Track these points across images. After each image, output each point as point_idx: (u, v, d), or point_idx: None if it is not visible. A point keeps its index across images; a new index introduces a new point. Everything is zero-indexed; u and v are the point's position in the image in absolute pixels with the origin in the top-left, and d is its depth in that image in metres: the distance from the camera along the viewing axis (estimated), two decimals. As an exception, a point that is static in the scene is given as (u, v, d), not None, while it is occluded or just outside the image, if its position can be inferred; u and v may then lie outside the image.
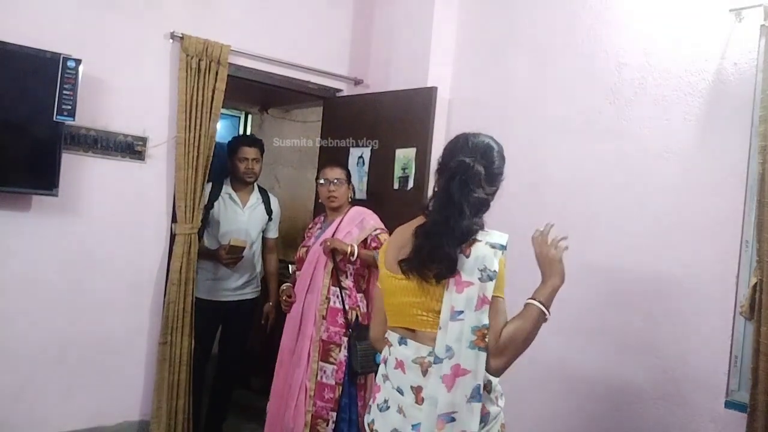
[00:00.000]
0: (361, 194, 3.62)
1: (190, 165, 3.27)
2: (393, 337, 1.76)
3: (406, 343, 1.71)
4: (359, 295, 3.07)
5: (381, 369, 1.82)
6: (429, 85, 3.41)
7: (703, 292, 2.47)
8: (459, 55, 3.56)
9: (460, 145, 1.75)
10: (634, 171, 2.73)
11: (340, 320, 3.01)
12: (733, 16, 2.43)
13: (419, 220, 1.74)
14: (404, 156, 3.44)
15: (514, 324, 1.61)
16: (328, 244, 2.95)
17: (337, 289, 3.01)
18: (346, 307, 3.01)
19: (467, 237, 1.62)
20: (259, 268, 3.65)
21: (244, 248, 3.38)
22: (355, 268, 3.02)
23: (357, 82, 3.96)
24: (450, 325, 1.59)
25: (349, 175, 3.23)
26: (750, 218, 2.35)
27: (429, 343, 1.65)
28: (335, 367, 2.98)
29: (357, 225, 3.06)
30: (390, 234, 3.03)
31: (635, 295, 2.68)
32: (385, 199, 3.51)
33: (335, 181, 3.12)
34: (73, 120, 2.89)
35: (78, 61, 2.87)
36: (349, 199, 3.23)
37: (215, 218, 3.47)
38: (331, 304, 3.01)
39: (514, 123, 3.22)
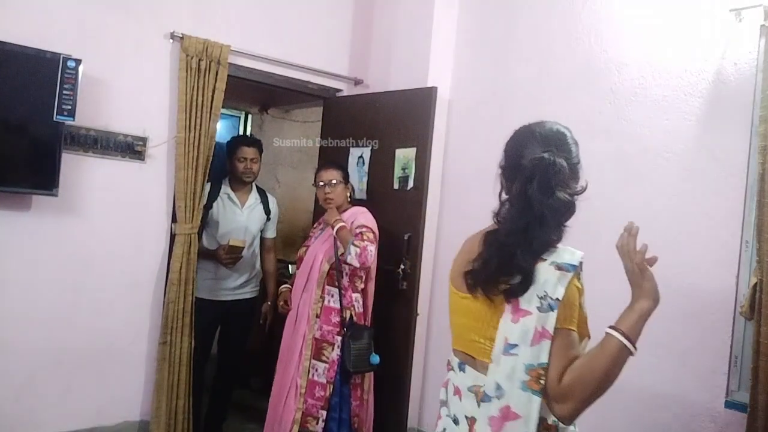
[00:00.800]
0: (361, 194, 3.62)
1: (190, 165, 3.27)
2: (454, 361, 1.53)
3: (464, 370, 1.47)
4: (355, 295, 3.09)
5: (441, 394, 1.58)
6: (429, 85, 3.41)
7: (703, 292, 2.47)
8: (459, 55, 3.56)
9: (526, 138, 1.52)
10: (634, 171, 2.73)
11: (335, 319, 3.04)
12: (733, 16, 2.43)
13: (490, 227, 1.51)
14: (404, 156, 3.44)
15: (583, 361, 1.30)
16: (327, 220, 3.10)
17: (332, 288, 3.04)
18: (340, 306, 3.03)
19: (546, 249, 1.37)
20: (258, 267, 3.65)
21: (243, 248, 3.38)
22: (350, 267, 3.03)
23: (357, 82, 3.96)
24: (502, 359, 1.35)
25: (345, 176, 3.24)
26: (750, 218, 2.35)
27: (485, 373, 1.40)
28: (327, 365, 3.01)
29: (350, 224, 3.07)
30: (375, 234, 3.05)
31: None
32: (385, 199, 3.51)
33: (331, 182, 3.14)
34: (73, 120, 2.89)
35: (78, 61, 2.87)
36: (348, 199, 3.24)
37: (214, 218, 3.47)
38: (326, 303, 3.05)
39: (513, 123, 3.22)
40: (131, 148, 3.22)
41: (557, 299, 1.30)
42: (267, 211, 3.65)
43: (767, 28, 2.32)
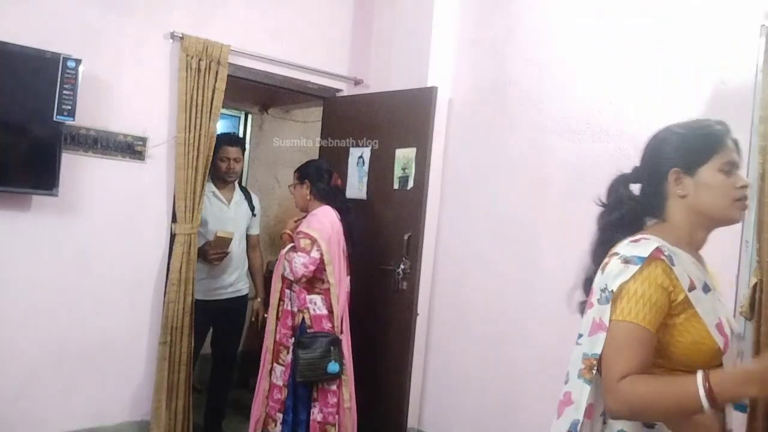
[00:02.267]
0: (360, 194, 3.62)
1: (190, 165, 3.27)
2: None
3: None
4: (311, 297, 3.06)
5: None
6: (429, 85, 3.41)
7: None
8: (459, 55, 3.56)
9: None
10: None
11: (289, 322, 3.08)
12: (733, 17, 2.43)
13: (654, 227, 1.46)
14: (404, 156, 3.44)
15: (658, 385, 1.23)
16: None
17: (290, 291, 3.10)
18: (294, 309, 3.07)
19: (598, 255, 1.45)
20: (247, 263, 3.71)
21: (230, 240, 3.40)
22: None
23: (357, 82, 3.96)
24: (574, 349, 1.41)
25: (301, 176, 3.26)
26: (750, 218, 2.35)
27: None
28: (284, 368, 3.05)
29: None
30: (313, 238, 2.98)
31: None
32: (385, 199, 3.51)
33: (288, 186, 3.30)
34: (73, 120, 2.89)
35: (78, 61, 2.87)
36: (309, 197, 3.22)
37: (203, 217, 3.46)
38: (285, 306, 3.11)
39: (513, 123, 3.22)
40: (131, 148, 3.22)
41: (612, 291, 1.29)
42: (252, 208, 3.72)
43: (767, 28, 2.32)
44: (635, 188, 1.52)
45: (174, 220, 3.30)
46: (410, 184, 3.40)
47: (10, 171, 2.87)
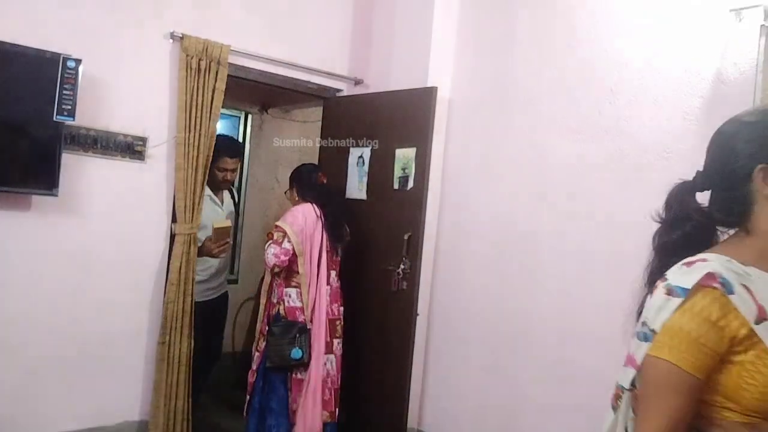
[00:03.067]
0: (361, 194, 3.62)
1: (190, 165, 3.27)
2: None
3: None
4: (288, 290, 3.25)
5: None
6: (429, 85, 3.41)
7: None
8: (459, 55, 3.56)
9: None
10: (634, 171, 2.73)
11: (270, 312, 3.29)
12: (733, 16, 2.42)
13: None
14: (404, 156, 3.44)
15: None
16: None
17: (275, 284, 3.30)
18: (274, 300, 3.27)
19: (650, 282, 1.21)
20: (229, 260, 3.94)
21: (230, 228, 3.48)
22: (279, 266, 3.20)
23: (357, 82, 3.95)
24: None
25: (291, 182, 3.50)
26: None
27: None
28: (258, 354, 3.27)
29: None
30: (285, 230, 3.15)
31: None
32: (385, 198, 3.51)
33: (285, 193, 3.55)
34: (73, 120, 2.89)
35: (78, 61, 2.86)
36: (297, 200, 3.43)
37: (202, 221, 3.44)
38: (270, 298, 3.32)
39: (513, 123, 3.22)
40: (131, 148, 3.22)
41: (652, 330, 1.08)
42: (236, 206, 3.98)
43: (767, 28, 2.32)
44: (703, 198, 1.25)
45: (174, 220, 3.30)
46: (410, 184, 3.39)
47: (10, 171, 2.87)
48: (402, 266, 3.36)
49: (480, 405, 3.30)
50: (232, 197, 3.96)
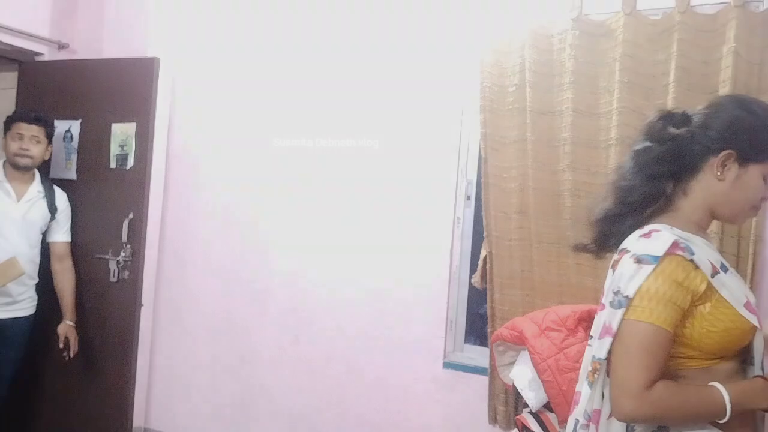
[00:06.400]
0: (69, 174, 3.19)
1: None
2: None
3: None
4: None
5: None
6: (150, 56, 3.12)
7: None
8: (185, 21, 3.32)
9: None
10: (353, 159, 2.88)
11: None
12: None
13: None
14: (122, 132, 3.11)
15: (682, 396, 1.19)
16: None
17: None
18: None
19: (598, 250, 1.39)
20: (37, 278, 2.95)
21: (19, 273, 2.76)
22: None
23: (61, 46, 3.44)
24: (587, 350, 1.36)
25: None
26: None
27: None
28: None
29: None
30: None
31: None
32: (100, 179, 3.14)
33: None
34: None
35: None
36: None
37: None
38: None
39: (246, 96, 3.14)
40: None
41: (627, 297, 1.19)
42: (52, 209, 2.97)
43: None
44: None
45: None
46: (130, 162, 3.09)
47: None
48: (123, 254, 3.05)
49: (213, 397, 3.22)
50: (49, 197, 2.97)
